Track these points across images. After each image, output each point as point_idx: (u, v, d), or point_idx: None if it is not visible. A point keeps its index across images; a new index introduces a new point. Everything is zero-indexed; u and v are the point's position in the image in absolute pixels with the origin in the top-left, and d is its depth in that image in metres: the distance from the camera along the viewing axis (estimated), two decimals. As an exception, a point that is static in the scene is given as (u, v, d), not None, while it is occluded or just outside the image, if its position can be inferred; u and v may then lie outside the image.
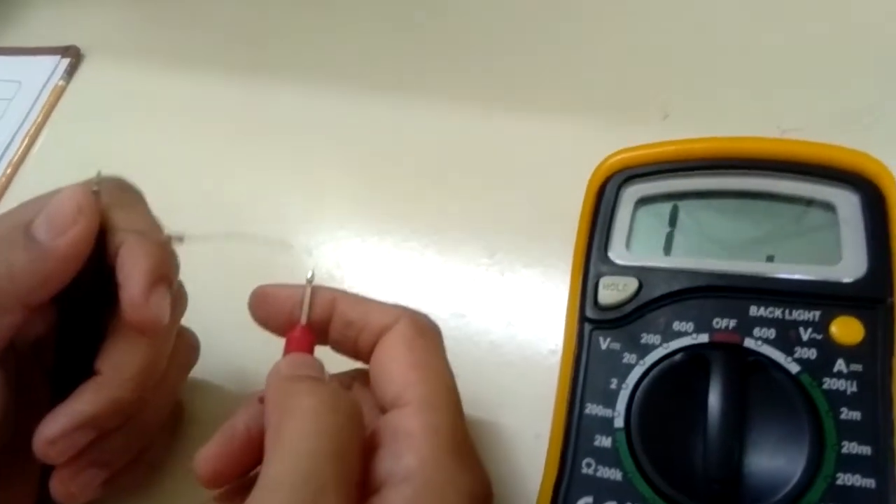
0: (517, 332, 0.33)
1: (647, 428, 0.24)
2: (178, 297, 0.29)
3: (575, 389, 0.26)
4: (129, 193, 0.29)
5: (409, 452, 0.22)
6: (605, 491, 0.24)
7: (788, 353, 0.24)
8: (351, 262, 0.38)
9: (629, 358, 0.26)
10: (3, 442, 0.26)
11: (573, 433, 0.25)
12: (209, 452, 0.24)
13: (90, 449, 0.26)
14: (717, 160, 0.28)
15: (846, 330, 0.24)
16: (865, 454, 0.22)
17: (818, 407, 0.23)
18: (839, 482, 0.22)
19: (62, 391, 0.26)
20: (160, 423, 0.30)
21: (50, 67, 0.53)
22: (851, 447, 0.22)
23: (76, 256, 0.25)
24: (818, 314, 0.25)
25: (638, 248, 0.28)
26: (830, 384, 0.23)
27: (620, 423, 0.25)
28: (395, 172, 0.40)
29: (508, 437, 0.31)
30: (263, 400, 0.23)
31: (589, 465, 0.25)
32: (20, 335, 0.26)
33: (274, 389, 0.23)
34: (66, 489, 0.26)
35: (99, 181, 0.27)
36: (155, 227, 0.28)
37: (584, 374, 0.26)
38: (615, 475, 0.24)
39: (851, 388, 0.23)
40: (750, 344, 0.25)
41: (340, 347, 0.27)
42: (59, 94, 0.52)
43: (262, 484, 0.20)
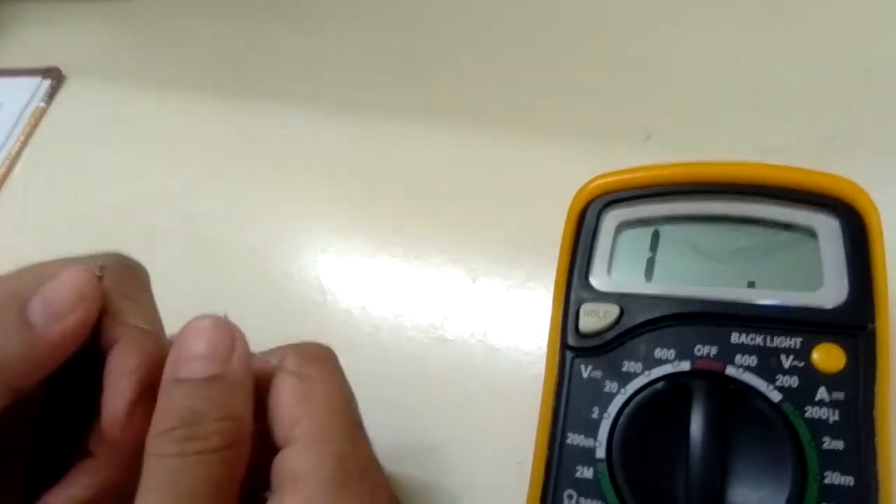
0: (500, 357, 0.33)
1: (628, 458, 0.24)
2: None
3: (556, 419, 0.26)
4: (133, 279, 0.27)
5: (289, 495, 0.21)
6: (586, 523, 0.24)
7: (770, 381, 0.24)
8: (333, 285, 0.38)
9: (611, 386, 0.25)
10: None
11: (554, 464, 0.25)
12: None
13: None
14: (698, 185, 0.28)
15: (828, 357, 0.24)
16: (848, 485, 0.22)
17: (800, 436, 0.23)
18: (822, 513, 0.22)
19: (44, 469, 0.25)
20: None
21: (31, 89, 0.53)
22: (834, 477, 0.22)
23: (71, 345, 0.24)
24: (800, 341, 0.24)
25: (619, 273, 0.28)
26: (812, 413, 0.23)
27: (602, 453, 0.24)
28: (377, 196, 0.40)
29: (490, 464, 0.30)
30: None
31: (570, 496, 0.24)
32: (5, 413, 0.25)
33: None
34: None
35: (104, 261, 0.26)
36: (156, 322, 0.27)
37: (565, 402, 0.26)
38: (597, 507, 0.24)
39: (834, 416, 0.23)
40: (731, 372, 0.24)
41: None
42: (39, 116, 0.51)
43: None
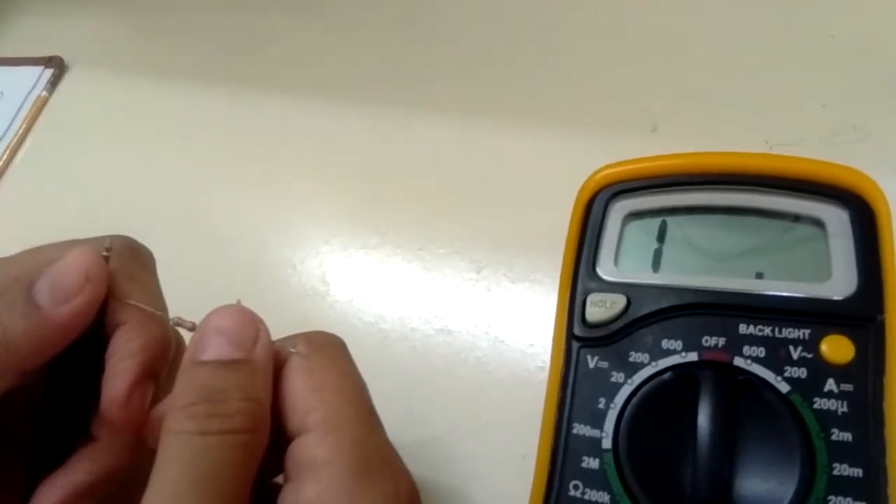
0: (504, 348, 0.33)
1: (635, 449, 0.24)
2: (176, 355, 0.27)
3: (562, 409, 0.26)
4: (139, 262, 0.27)
5: (308, 483, 0.21)
6: (592, 514, 0.23)
7: (778, 372, 0.24)
8: (336, 277, 0.37)
9: (617, 377, 0.25)
10: None
11: (560, 454, 0.25)
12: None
13: None
14: (705, 175, 0.28)
15: (836, 348, 0.24)
16: (857, 476, 0.22)
17: (809, 428, 0.23)
18: (830, 505, 0.22)
19: (47, 452, 0.25)
20: None
21: (33, 78, 0.52)
22: (842, 469, 0.22)
23: (77, 326, 0.24)
24: (808, 332, 0.24)
25: (626, 264, 0.28)
26: (821, 404, 0.23)
27: (608, 443, 0.24)
28: (380, 187, 0.40)
29: (495, 456, 0.30)
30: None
31: (576, 487, 0.24)
32: (9, 395, 0.25)
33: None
34: None
35: (110, 243, 0.25)
36: (161, 305, 0.26)
37: (571, 393, 0.26)
38: (603, 498, 0.24)
39: (842, 408, 0.23)
40: (739, 362, 0.24)
41: None
42: (41, 104, 0.51)
43: None
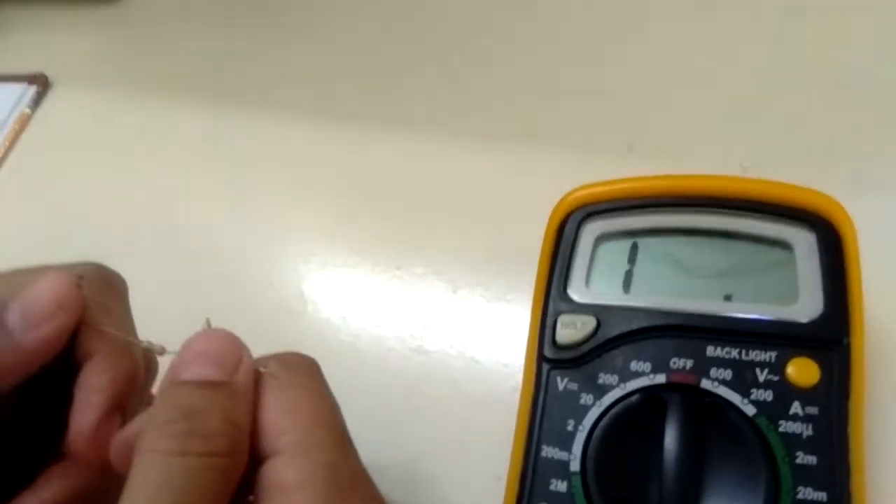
0: (480, 368, 0.33)
1: (602, 471, 0.24)
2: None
3: (532, 431, 0.26)
4: (110, 289, 0.27)
5: None
6: (560, 537, 0.23)
7: (745, 394, 0.24)
8: (314, 295, 0.37)
9: (586, 399, 0.25)
10: None
11: (529, 477, 0.25)
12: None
13: None
14: (676, 198, 0.28)
15: (802, 371, 0.24)
16: (821, 500, 0.22)
17: (774, 451, 0.23)
18: (794, 529, 0.22)
19: (16, 471, 0.25)
20: None
21: (17, 95, 0.52)
22: (807, 493, 0.22)
23: (47, 352, 0.24)
24: (774, 355, 0.24)
25: (597, 285, 0.28)
26: (787, 427, 0.23)
27: (576, 466, 0.24)
28: (358, 206, 0.40)
29: (469, 478, 0.30)
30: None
31: (544, 510, 0.24)
32: None
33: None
34: None
35: (82, 270, 0.25)
36: (131, 333, 0.26)
37: (541, 415, 0.26)
38: (570, 521, 0.24)
39: (807, 431, 0.23)
40: (707, 385, 0.24)
41: None
42: (24, 121, 0.51)
43: None
